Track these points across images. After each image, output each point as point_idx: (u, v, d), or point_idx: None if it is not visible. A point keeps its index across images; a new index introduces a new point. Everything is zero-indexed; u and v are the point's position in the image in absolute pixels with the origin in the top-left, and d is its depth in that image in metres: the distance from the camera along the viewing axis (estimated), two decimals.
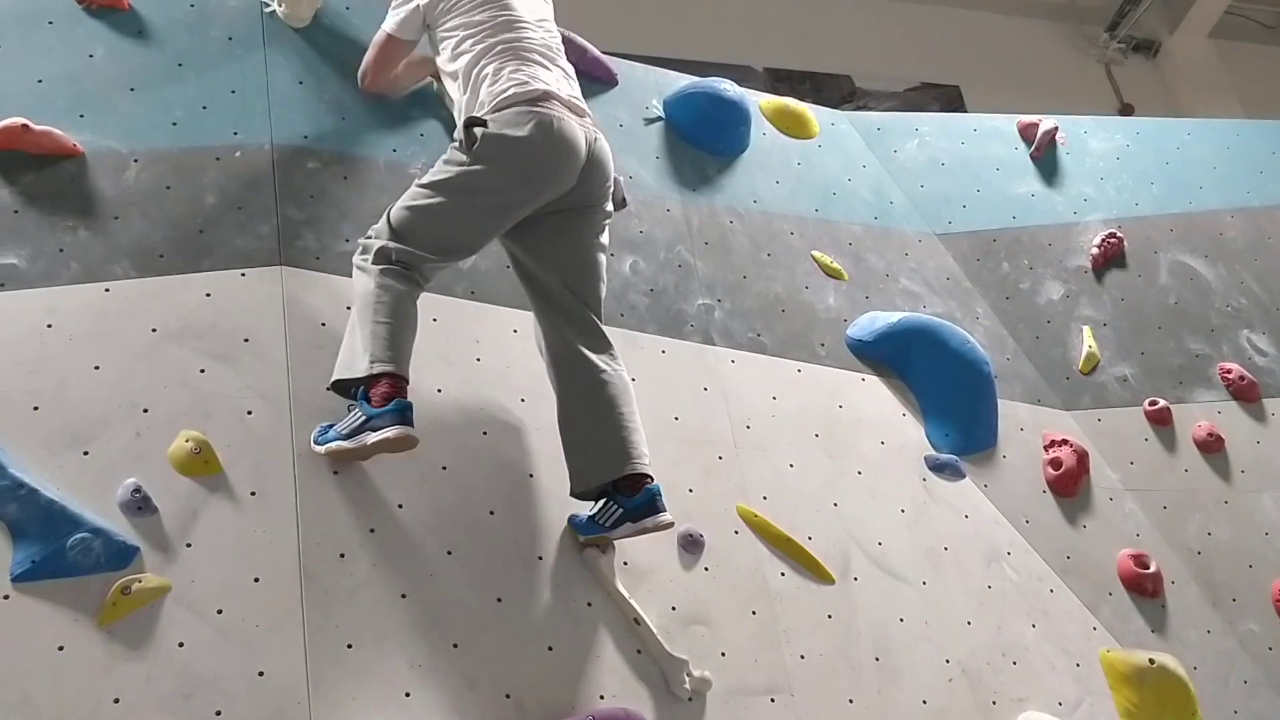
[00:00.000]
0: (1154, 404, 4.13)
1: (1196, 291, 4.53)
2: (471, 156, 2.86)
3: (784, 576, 3.19)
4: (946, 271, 4.18)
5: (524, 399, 3.14)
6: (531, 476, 3.03)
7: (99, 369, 2.76)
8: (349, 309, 2.92)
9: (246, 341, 2.91)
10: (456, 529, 2.86)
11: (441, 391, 3.04)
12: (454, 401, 3.06)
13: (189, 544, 2.61)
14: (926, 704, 3.14)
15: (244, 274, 3.02)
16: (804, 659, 3.06)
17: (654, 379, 3.30)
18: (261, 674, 2.50)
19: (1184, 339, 4.38)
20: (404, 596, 2.72)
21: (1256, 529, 3.99)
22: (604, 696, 2.79)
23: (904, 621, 3.26)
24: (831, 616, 3.18)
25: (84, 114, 3.12)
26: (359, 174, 3.33)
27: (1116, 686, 3.40)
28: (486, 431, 3.06)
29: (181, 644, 2.49)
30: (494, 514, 2.93)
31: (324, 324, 3.01)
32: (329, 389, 2.79)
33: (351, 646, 2.61)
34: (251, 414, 2.81)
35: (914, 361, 3.79)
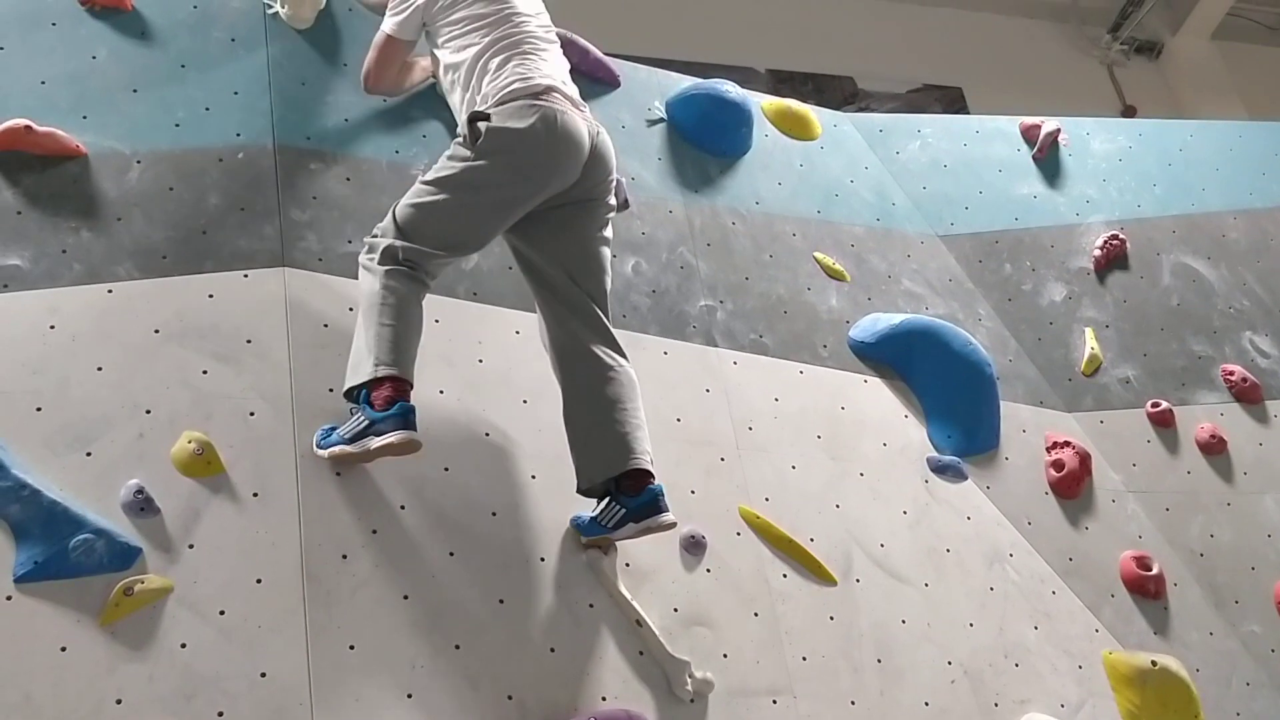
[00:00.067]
0: (1156, 405, 4.13)
1: (1199, 293, 4.53)
2: (476, 151, 2.86)
3: (786, 578, 3.19)
4: (949, 273, 4.17)
5: (526, 400, 3.14)
6: (534, 478, 3.03)
7: (101, 370, 2.76)
8: (352, 310, 2.92)
9: (249, 342, 2.91)
10: (458, 530, 2.87)
11: (444, 393, 3.04)
12: (456, 403, 3.06)
13: (191, 545, 2.61)
14: (928, 705, 3.13)
15: (246, 275, 3.02)
16: (806, 660, 3.06)
17: (656, 380, 3.30)
18: (264, 675, 2.50)
19: (1186, 340, 4.38)
20: (406, 597, 2.72)
21: (1259, 530, 3.99)
22: (606, 698, 2.79)
23: (906, 623, 3.26)
24: (833, 618, 3.18)
25: (87, 115, 3.12)
26: (362, 175, 3.33)
27: (1118, 688, 3.39)
28: (489, 433, 3.06)
29: (184, 644, 2.49)
30: (496, 515, 2.94)
31: (326, 325, 3.01)
32: (344, 395, 2.78)
33: (353, 647, 2.61)
34: (254, 415, 2.81)
35: (916, 363, 3.79)
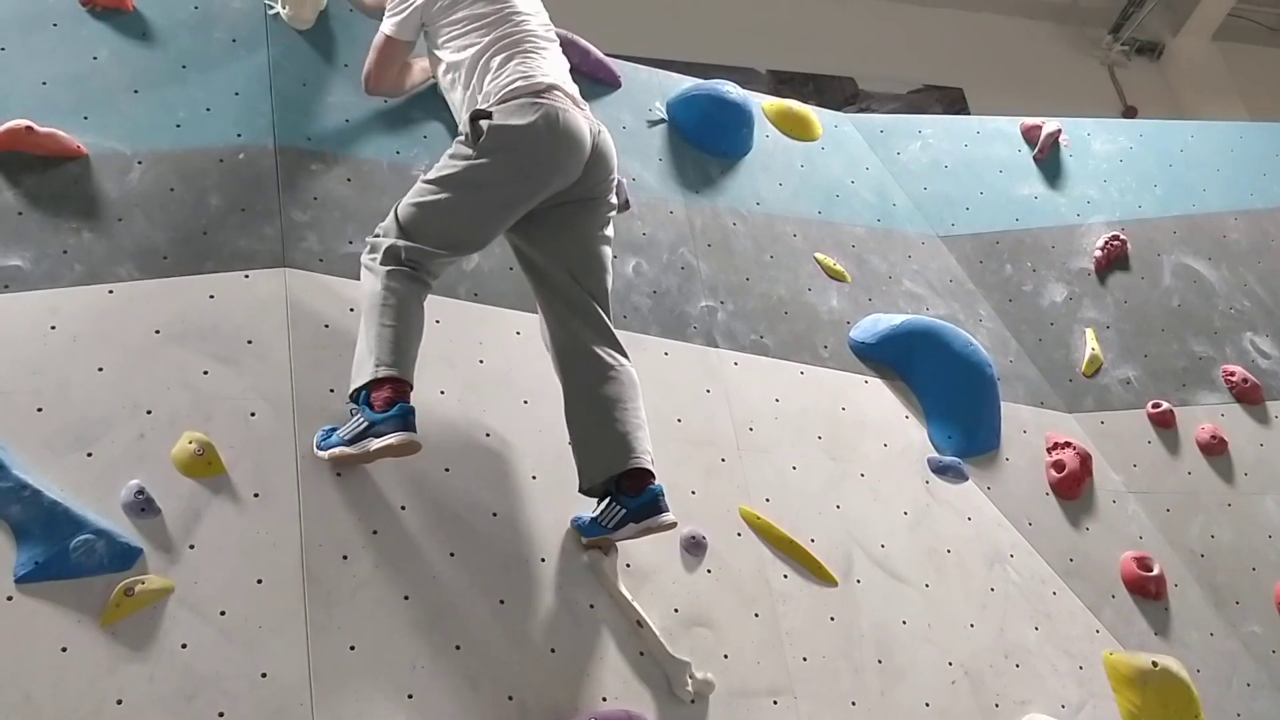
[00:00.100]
0: (1157, 406, 4.13)
1: (1200, 293, 4.53)
2: (478, 149, 2.86)
3: (786, 578, 3.19)
4: (949, 273, 4.17)
5: (527, 401, 3.14)
6: (534, 478, 3.03)
7: (102, 370, 2.76)
8: (353, 311, 2.92)
9: (250, 343, 2.92)
10: (459, 531, 2.87)
11: (444, 393, 3.04)
12: (457, 404, 3.06)
13: (192, 545, 2.61)
14: (929, 706, 3.13)
15: (247, 275, 3.02)
16: (806, 661, 3.06)
17: (657, 381, 3.29)
18: (264, 675, 2.50)
19: (1187, 341, 4.37)
20: (406, 598, 2.72)
21: (1259, 531, 3.99)
22: (606, 698, 2.79)
23: (906, 623, 3.25)
24: (834, 618, 3.18)
25: (88, 115, 3.12)
26: (362, 176, 3.33)
27: (1119, 689, 3.39)
28: (489, 433, 3.06)
29: (184, 645, 2.49)
30: (497, 516, 2.94)
31: (327, 325, 3.01)
32: (349, 397, 2.76)
33: (354, 648, 2.61)
34: (254, 415, 2.82)
35: (917, 363, 3.79)
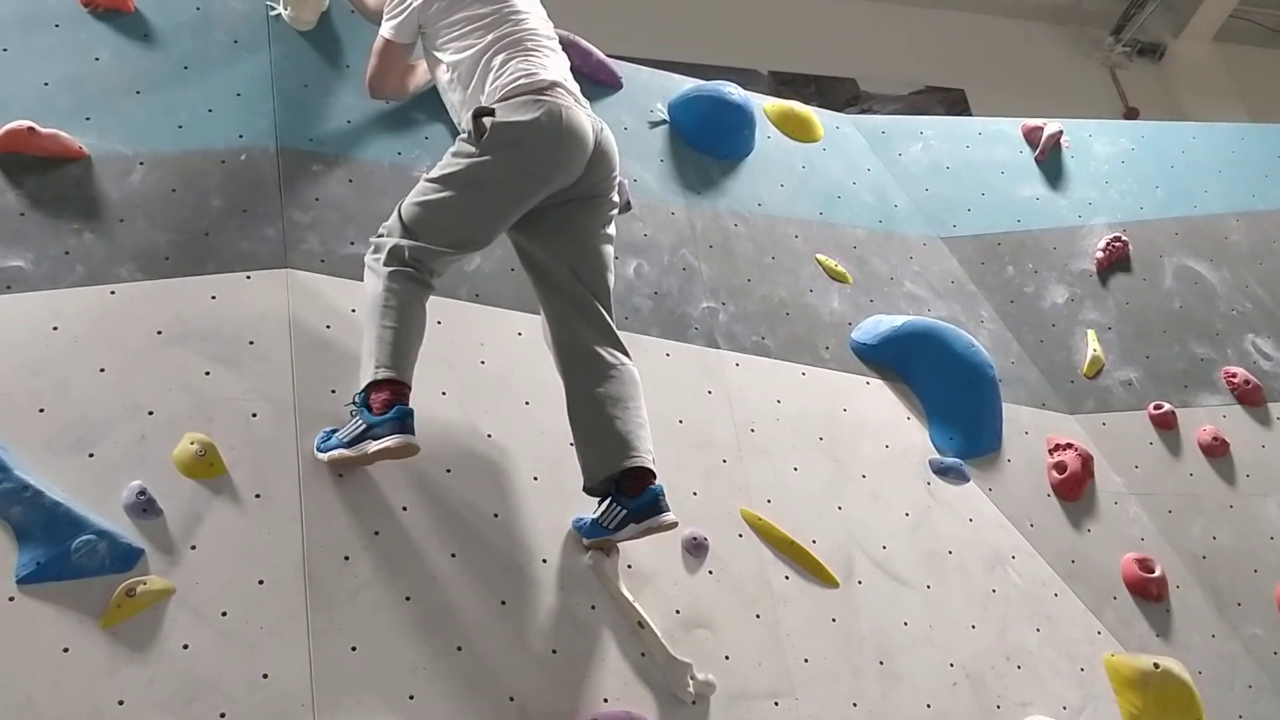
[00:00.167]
0: (1158, 408, 4.12)
1: (1201, 295, 4.53)
2: (480, 147, 2.85)
3: (787, 580, 3.19)
4: (950, 275, 4.17)
5: (528, 402, 3.14)
6: (535, 480, 3.03)
7: (103, 371, 2.76)
8: (354, 311, 2.92)
9: (251, 344, 2.92)
10: (460, 532, 2.86)
11: (445, 395, 3.04)
12: (457, 405, 3.06)
13: (193, 546, 2.61)
14: (930, 708, 3.13)
15: (249, 277, 3.02)
16: (807, 662, 3.06)
17: (658, 382, 3.29)
18: (265, 676, 2.50)
19: (1188, 343, 4.37)
20: (407, 599, 2.72)
21: (1261, 533, 3.98)
22: (607, 700, 2.79)
23: (907, 625, 3.25)
24: (835, 620, 3.18)
25: (89, 117, 3.13)
26: (364, 177, 3.33)
27: (1120, 691, 3.39)
28: (490, 435, 3.06)
29: (185, 646, 2.49)
30: (497, 517, 2.94)
31: (328, 327, 3.01)
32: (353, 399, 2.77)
33: (355, 649, 2.61)
34: (256, 416, 2.82)
35: (918, 365, 3.79)
